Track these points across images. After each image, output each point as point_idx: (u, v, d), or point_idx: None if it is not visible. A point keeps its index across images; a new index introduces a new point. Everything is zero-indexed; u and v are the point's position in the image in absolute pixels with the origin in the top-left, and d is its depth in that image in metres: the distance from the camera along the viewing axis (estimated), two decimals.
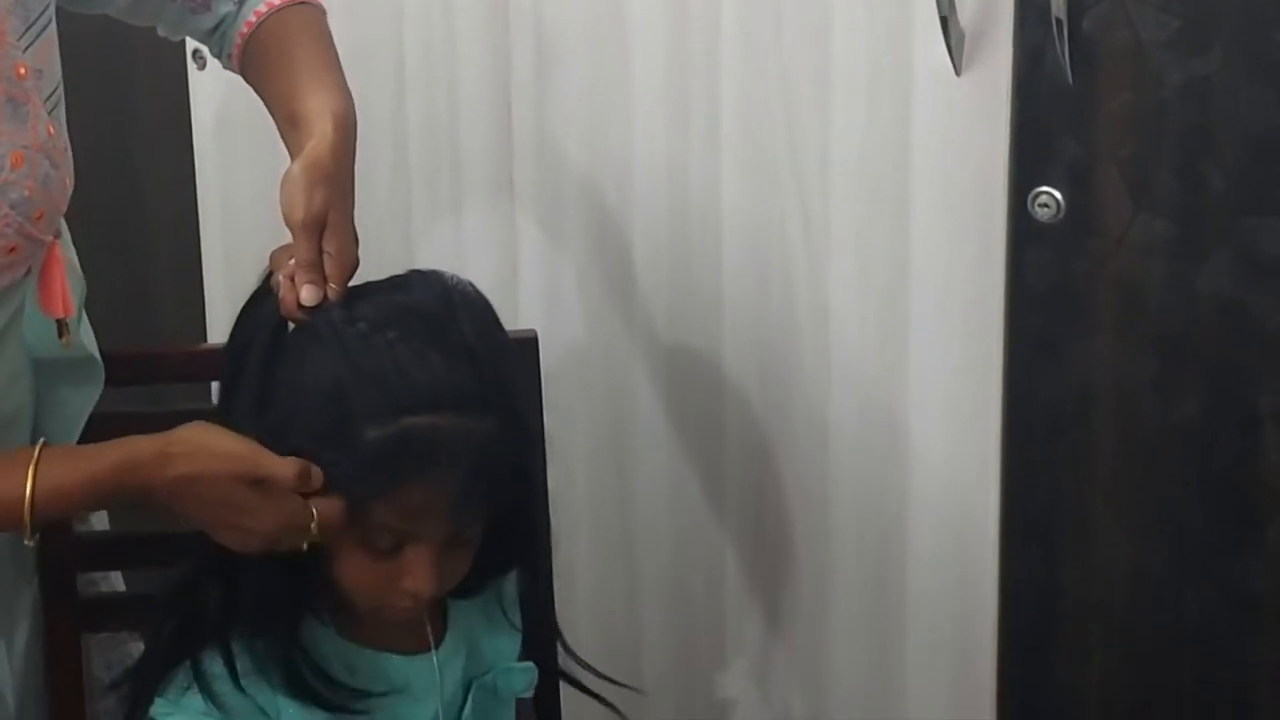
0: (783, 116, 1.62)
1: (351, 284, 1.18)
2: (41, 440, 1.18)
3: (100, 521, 1.44)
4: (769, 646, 1.77)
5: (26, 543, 1.16)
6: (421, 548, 1.15)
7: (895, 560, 1.67)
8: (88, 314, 1.36)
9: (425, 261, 1.79)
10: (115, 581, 1.48)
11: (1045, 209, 1.54)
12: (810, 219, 1.63)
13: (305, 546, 1.14)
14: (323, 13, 1.33)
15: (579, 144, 1.72)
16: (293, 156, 1.21)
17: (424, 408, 1.11)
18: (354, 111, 1.24)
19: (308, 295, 1.15)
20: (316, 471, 1.12)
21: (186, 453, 1.13)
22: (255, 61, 1.32)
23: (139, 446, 1.15)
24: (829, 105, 1.60)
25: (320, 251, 1.16)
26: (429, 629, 1.23)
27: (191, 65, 1.85)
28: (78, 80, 1.30)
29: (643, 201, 1.70)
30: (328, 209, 1.17)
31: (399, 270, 1.80)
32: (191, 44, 1.78)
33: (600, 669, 1.33)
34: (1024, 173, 1.54)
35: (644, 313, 1.73)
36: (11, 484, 1.14)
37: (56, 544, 1.34)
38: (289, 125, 1.25)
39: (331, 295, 1.16)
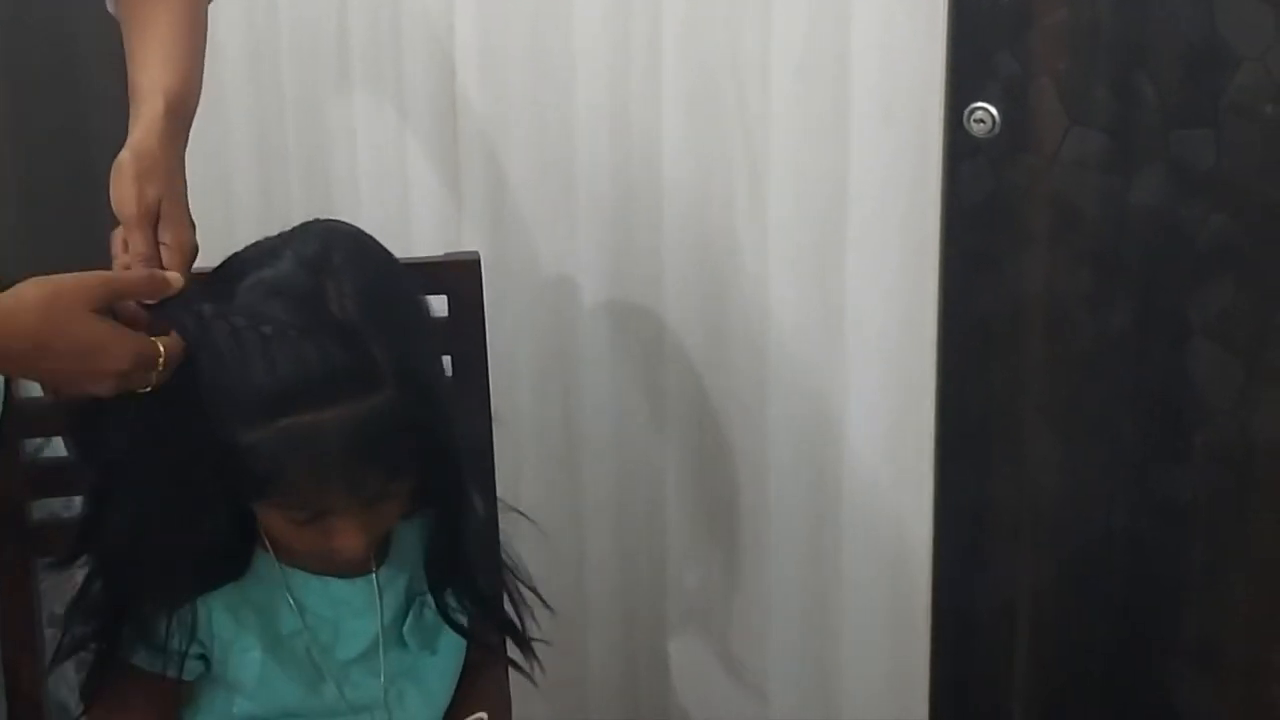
0: (724, 33, 1.62)
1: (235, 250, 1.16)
2: None
3: (55, 449, 1.45)
4: (709, 561, 1.80)
5: None
6: (341, 516, 1.14)
7: (832, 472, 1.70)
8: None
9: (371, 185, 1.81)
10: (76, 505, 1.49)
11: (981, 124, 1.55)
12: (750, 134, 1.64)
13: (153, 386, 1.09)
14: None
15: (522, 63, 1.71)
16: (129, 134, 1.17)
17: (301, 406, 1.08)
18: (191, 86, 1.20)
19: None
20: (173, 277, 1.10)
21: (40, 297, 1.06)
22: (121, 12, 1.26)
23: None
24: (769, 21, 1.60)
25: (156, 244, 1.13)
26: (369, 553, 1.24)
27: None
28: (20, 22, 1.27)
29: (585, 118, 1.70)
30: (159, 200, 1.14)
31: (347, 197, 1.81)
32: None
33: (543, 588, 1.35)
34: (960, 88, 1.55)
35: (587, 232, 1.74)
36: None
37: (6, 469, 1.35)
38: (131, 96, 1.20)
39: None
